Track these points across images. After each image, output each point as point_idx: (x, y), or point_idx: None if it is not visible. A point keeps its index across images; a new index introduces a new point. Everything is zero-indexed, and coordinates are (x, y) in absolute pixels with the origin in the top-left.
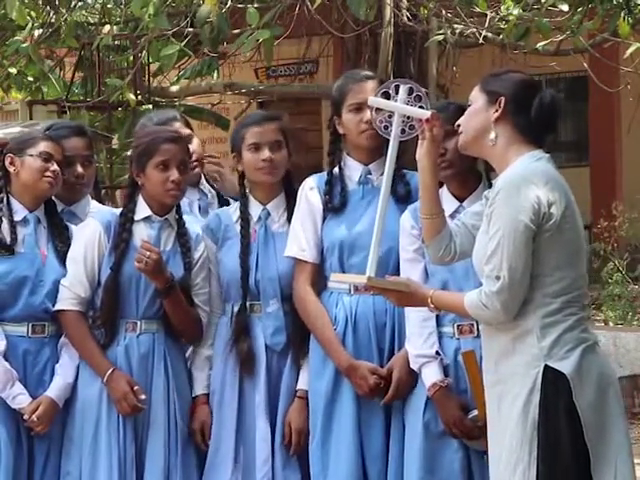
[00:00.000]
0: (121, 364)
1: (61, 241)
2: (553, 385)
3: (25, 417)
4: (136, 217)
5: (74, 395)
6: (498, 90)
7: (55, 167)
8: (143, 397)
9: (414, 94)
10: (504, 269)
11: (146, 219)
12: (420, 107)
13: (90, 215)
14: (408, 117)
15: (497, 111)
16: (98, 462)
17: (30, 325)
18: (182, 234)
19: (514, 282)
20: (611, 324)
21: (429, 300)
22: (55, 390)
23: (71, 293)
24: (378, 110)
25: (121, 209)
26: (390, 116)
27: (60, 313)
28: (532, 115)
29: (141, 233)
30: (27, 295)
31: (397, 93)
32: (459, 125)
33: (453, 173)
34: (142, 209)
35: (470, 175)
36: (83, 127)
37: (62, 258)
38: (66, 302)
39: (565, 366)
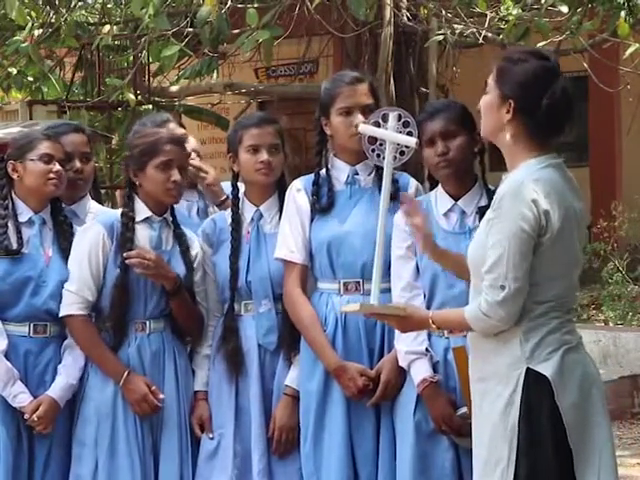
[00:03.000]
0: (134, 364)
1: (65, 239)
2: (535, 387)
3: (26, 416)
4: (136, 218)
5: (85, 400)
6: (508, 92)
7: (57, 167)
8: (162, 396)
9: (402, 120)
10: (509, 278)
11: (146, 220)
12: (408, 132)
13: (91, 216)
14: (398, 144)
15: (508, 112)
16: (118, 463)
17: (32, 325)
18: (179, 233)
19: (519, 291)
20: (611, 324)
21: (430, 321)
22: (57, 390)
23: (78, 297)
24: (369, 138)
25: (121, 210)
26: (381, 144)
27: (67, 319)
28: (541, 116)
29: (143, 234)
30: (29, 295)
31: (385, 121)
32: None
33: (452, 172)
34: (141, 210)
35: (467, 175)
36: (81, 125)
37: (67, 258)
38: (73, 307)
39: (546, 368)
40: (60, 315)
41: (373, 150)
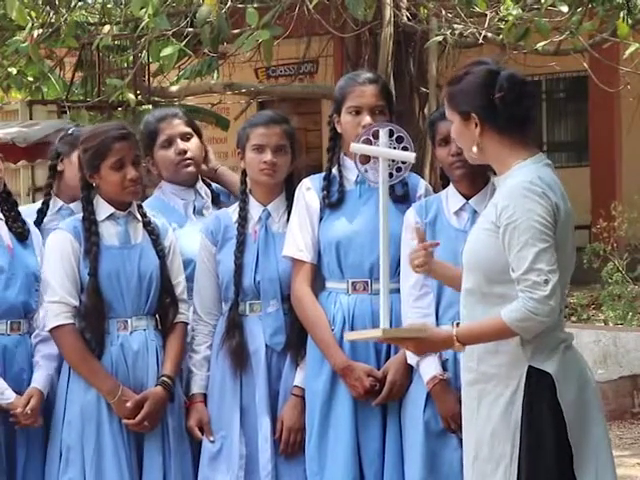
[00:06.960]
0: (117, 363)
1: (15, 220)
2: (537, 385)
3: (18, 411)
4: (100, 217)
5: (69, 403)
6: (466, 109)
7: None
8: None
9: (395, 135)
10: (550, 271)
11: (110, 217)
12: (403, 148)
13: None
14: (393, 160)
15: (476, 126)
16: (104, 465)
17: (9, 322)
18: (147, 223)
19: (559, 280)
20: (611, 324)
21: (454, 339)
22: (41, 382)
23: (63, 306)
24: (363, 158)
25: (81, 214)
26: (375, 162)
27: (56, 331)
28: (501, 113)
29: (109, 231)
30: (2, 290)
31: (377, 138)
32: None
33: (467, 172)
34: (103, 208)
35: (480, 175)
36: None
37: (23, 240)
38: (61, 317)
39: (549, 366)
40: (48, 328)
41: (366, 170)
